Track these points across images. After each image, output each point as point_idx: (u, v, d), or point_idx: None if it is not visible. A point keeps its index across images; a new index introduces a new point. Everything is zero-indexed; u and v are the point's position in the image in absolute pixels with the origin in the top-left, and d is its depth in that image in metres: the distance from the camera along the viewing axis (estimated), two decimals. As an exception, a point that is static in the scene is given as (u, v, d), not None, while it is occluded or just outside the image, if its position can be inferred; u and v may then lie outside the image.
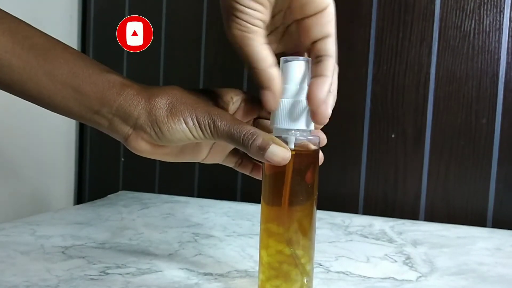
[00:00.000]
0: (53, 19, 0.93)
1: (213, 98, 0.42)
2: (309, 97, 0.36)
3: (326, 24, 0.37)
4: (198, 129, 0.38)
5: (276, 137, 0.37)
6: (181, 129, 0.38)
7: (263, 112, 0.43)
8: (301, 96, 0.37)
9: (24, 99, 0.40)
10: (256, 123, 0.44)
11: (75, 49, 0.41)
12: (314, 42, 0.38)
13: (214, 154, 0.45)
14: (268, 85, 0.37)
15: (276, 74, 0.37)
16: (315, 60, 0.37)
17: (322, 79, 0.36)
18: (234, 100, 0.43)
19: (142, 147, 0.39)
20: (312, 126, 0.38)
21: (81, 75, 0.38)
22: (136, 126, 0.38)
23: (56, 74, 0.38)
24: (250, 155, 0.37)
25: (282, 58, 0.38)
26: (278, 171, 0.38)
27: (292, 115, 0.37)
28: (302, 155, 0.38)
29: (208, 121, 0.37)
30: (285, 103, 0.37)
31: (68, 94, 0.38)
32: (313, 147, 0.39)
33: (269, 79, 0.36)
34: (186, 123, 0.38)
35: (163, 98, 0.38)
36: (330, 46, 0.37)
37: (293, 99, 0.37)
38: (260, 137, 0.36)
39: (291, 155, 0.37)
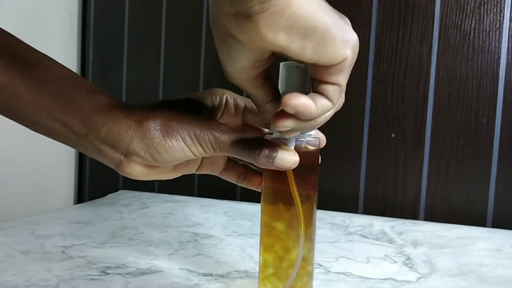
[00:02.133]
0: (53, 19, 0.93)
1: (199, 107, 0.41)
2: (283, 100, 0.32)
3: (335, 74, 0.33)
4: (198, 146, 0.36)
5: (274, 139, 0.37)
6: (180, 148, 0.36)
7: (249, 107, 0.43)
8: None
9: (7, 117, 0.38)
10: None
11: (63, 66, 0.39)
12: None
13: (207, 165, 0.43)
14: (269, 120, 0.36)
15: (270, 109, 0.36)
16: None
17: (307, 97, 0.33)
18: (218, 102, 0.42)
19: (137, 171, 0.37)
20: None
21: (66, 94, 0.36)
22: (128, 151, 0.36)
23: (40, 92, 0.36)
24: (257, 164, 0.36)
25: (282, 63, 0.38)
26: (280, 173, 0.38)
27: None
28: (301, 157, 0.38)
29: (208, 137, 0.36)
30: None
31: (53, 115, 0.36)
32: (312, 148, 0.39)
33: (269, 116, 0.36)
34: (184, 142, 0.36)
35: (156, 119, 0.36)
36: (332, 93, 0.34)
37: None
38: (266, 146, 0.35)
39: None
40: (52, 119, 0.36)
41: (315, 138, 0.39)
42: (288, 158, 0.36)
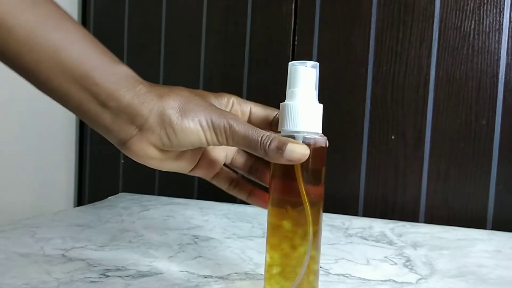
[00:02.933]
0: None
1: (214, 100, 0.41)
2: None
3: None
4: (213, 132, 0.36)
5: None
6: (195, 131, 0.36)
7: (253, 111, 0.43)
8: (308, 100, 0.38)
9: (17, 72, 0.35)
10: None
11: (85, 29, 0.37)
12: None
13: (203, 166, 0.43)
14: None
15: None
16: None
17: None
18: (225, 103, 0.42)
19: (145, 151, 0.36)
20: (319, 128, 0.39)
21: (92, 59, 0.35)
22: (144, 126, 0.35)
23: (64, 50, 0.34)
24: (267, 157, 0.36)
25: (290, 63, 0.39)
26: (287, 169, 0.38)
27: (299, 118, 0.38)
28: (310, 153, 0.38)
29: (224, 125, 0.36)
30: (292, 106, 0.38)
31: (72, 78, 0.34)
32: (320, 146, 0.39)
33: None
34: (201, 125, 0.36)
35: (176, 99, 0.36)
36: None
37: (300, 102, 0.38)
38: (276, 138, 0.36)
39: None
40: (69, 83, 0.34)
41: (322, 136, 0.40)
42: (298, 150, 0.36)
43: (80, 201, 1.03)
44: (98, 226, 0.67)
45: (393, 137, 0.81)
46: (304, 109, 0.38)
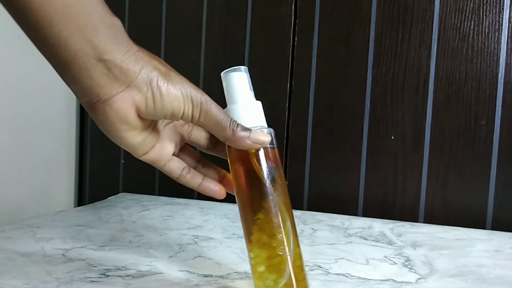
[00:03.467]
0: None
1: None
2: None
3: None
4: (190, 104, 0.37)
5: None
6: (178, 98, 0.37)
7: None
8: (247, 100, 0.41)
9: (17, 13, 0.33)
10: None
11: None
12: None
13: (156, 150, 0.42)
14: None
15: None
16: None
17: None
18: None
19: (126, 113, 0.36)
20: (263, 122, 0.42)
21: (96, 10, 0.35)
22: (133, 83, 0.35)
23: (72, 7, 0.33)
24: (232, 141, 0.39)
25: (222, 72, 0.42)
26: (246, 166, 0.40)
27: (244, 116, 0.41)
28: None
29: (201, 100, 0.38)
30: (236, 108, 0.41)
31: (76, 26, 0.33)
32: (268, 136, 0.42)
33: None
34: (182, 94, 0.37)
35: (162, 63, 0.37)
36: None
37: (241, 104, 0.41)
38: (242, 125, 0.39)
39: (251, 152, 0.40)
40: (70, 29, 0.33)
41: (269, 128, 0.42)
42: (262, 135, 0.40)
43: (80, 201, 1.03)
44: (98, 226, 0.68)
45: (392, 137, 0.81)
46: (245, 109, 0.41)
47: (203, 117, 0.38)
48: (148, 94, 0.36)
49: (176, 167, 0.43)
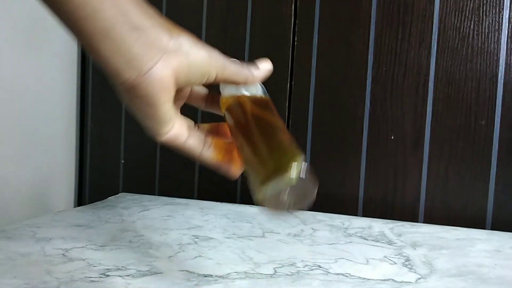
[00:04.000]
0: (54, 20, 0.93)
1: None
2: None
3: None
4: (214, 65, 0.39)
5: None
6: (206, 60, 0.38)
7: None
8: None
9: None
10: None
11: None
12: None
13: (179, 121, 0.42)
14: None
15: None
16: None
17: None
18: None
19: (167, 82, 0.36)
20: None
21: None
22: (167, 51, 0.36)
23: None
24: (251, 81, 0.42)
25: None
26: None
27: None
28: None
29: (221, 59, 0.40)
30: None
31: None
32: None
33: None
34: (209, 55, 0.38)
35: (184, 30, 0.38)
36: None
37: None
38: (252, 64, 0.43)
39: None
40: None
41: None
42: (267, 63, 0.44)
43: (80, 201, 1.03)
44: (98, 226, 0.68)
45: (392, 137, 0.81)
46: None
47: (221, 74, 0.39)
48: (182, 59, 0.37)
49: (197, 143, 0.42)
